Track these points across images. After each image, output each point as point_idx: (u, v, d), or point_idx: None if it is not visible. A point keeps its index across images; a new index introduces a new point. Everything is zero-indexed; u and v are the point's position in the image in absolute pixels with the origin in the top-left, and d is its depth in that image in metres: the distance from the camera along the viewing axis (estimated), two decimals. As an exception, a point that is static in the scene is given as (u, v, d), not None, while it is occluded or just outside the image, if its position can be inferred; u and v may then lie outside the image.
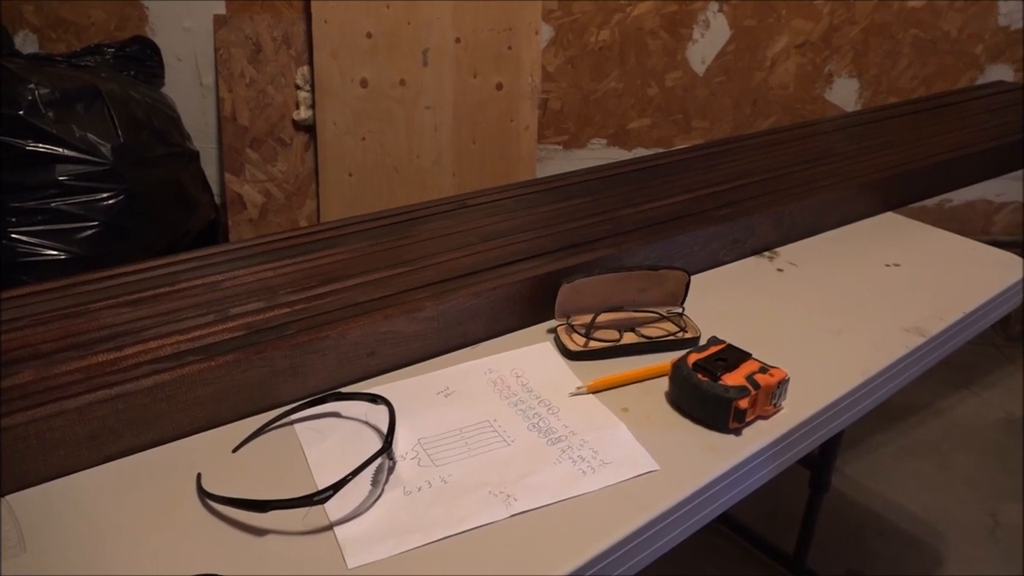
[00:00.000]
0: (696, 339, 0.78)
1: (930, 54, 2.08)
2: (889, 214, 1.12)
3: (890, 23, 2.04)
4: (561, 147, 2.08)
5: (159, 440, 0.64)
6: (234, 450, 0.64)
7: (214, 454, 0.63)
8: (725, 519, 1.54)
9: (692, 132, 2.11)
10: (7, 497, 0.58)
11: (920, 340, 0.80)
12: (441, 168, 1.94)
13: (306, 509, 0.57)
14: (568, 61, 1.98)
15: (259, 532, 0.55)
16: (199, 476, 0.60)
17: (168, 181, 1.56)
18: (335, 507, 0.57)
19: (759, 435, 0.66)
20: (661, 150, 2.00)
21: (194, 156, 1.68)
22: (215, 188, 1.87)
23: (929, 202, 2.23)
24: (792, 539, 1.44)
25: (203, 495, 0.58)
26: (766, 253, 1.00)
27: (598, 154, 2.09)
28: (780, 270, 0.96)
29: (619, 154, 2.10)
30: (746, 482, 0.66)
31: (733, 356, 0.70)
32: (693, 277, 0.81)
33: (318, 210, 1.91)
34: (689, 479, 0.61)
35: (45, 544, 0.54)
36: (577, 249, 0.85)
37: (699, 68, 2.04)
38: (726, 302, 0.87)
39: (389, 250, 0.85)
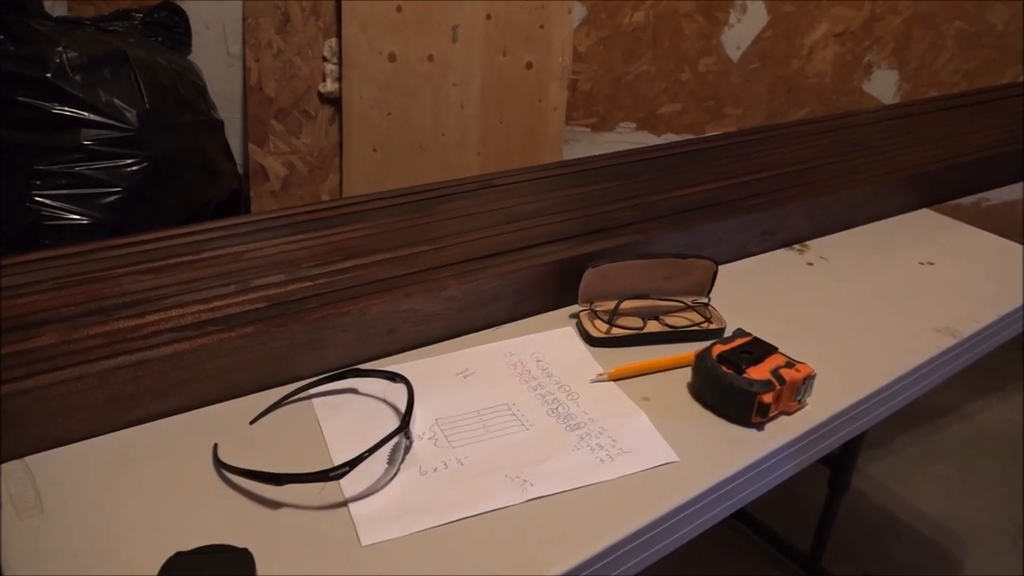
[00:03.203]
0: (721, 330, 0.78)
1: (974, 48, 2.04)
2: (924, 211, 1.11)
3: (934, 14, 2.00)
4: (589, 130, 2.07)
5: (177, 408, 0.65)
6: (251, 422, 0.64)
7: (231, 425, 0.64)
8: (741, 515, 1.54)
9: (724, 119, 2.09)
10: (27, 458, 0.59)
11: (951, 341, 0.80)
12: (466, 147, 1.94)
13: (321, 484, 0.57)
14: (600, 42, 1.97)
15: (274, 505, 0.56)
16: (215, 446, 0.61)
17: (192, 149, 1.57)
18: (350, 484, 0.58)
19: (782, 431, 0.66)
20: (691, 136, 1.99)
21: (219, 125, 1.69)
22: (238, 158, 1.87)
23: (966, 200, 2.20)
24: (808, 538, 1.43)
25: (219, 465, 0.59)
26: (796, 246, 0.99)
27: (626, 138, 2.08)
28: (810, 264, 0.95)
29: (648, 139, 2.08)
30: (766, 478, 0.66)
31: (759, 349, 0.70)
32: (720, 267, 0.81)
33: (341, 185, 1.92)
34: (708, 472, 0.61)
35: (62, 507, 0.55)
36: (603, 234, 0.85)
37: (734, 54, 2.01)
38: (753, 294, 0.87)
39: (412, 227, 0.85)
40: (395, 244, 0.81)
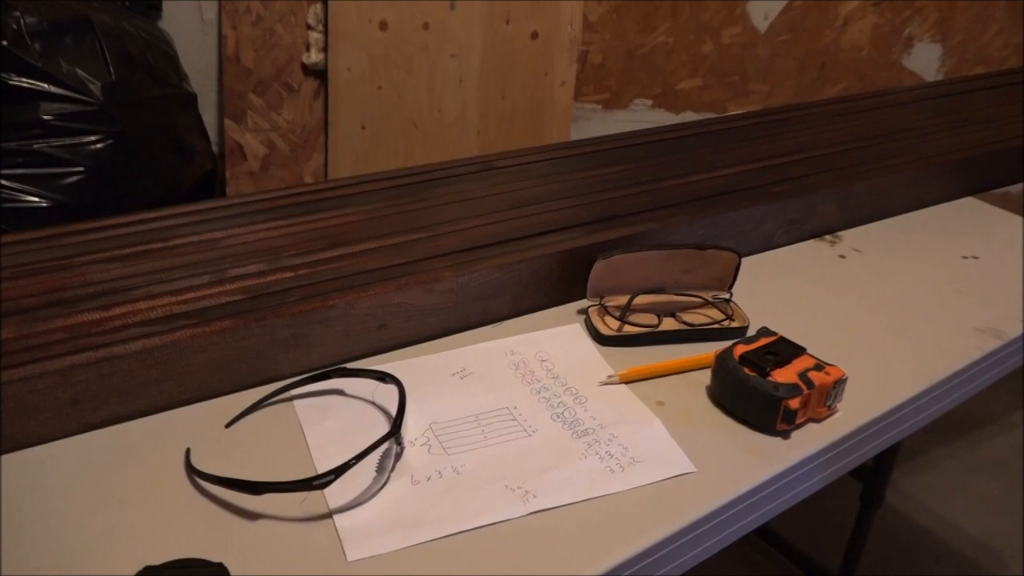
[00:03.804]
0: (744, 329, 0.78)
1: (1026, 19, 2.04)
2: (969, 199, 1.11)
3: (982, -18, 2.00)
4: (600, 107, 2.07)
5: (146, 410, 0.65)
6: (227, 425, 0.65)
7: (205, 428, 0.64)
8: (764, 531, 1.54)
9: (749, 96, 2.09)
10: (-20, 463, 0.60)
11: (995, 343, 0.80)
12: (465, 124, 1.94)
13: (304, 494, 0.58)
14: (613, 10, 1.96)
15: (251, 516, 0.56)
16: (188, 451, 0.61)
17: (162, 125, 1.57)
18: (336, 493, 0.58)
19: (809, 440, 0.66)
20: (713, 115, 1.98)
21: (191, 99, 1.69)
22: (213, 136, 1.87)
23: (1014, 188, 2.20)
24: (837, 557, 1.44)
25: (192, 472, 0.59)
26: (827, 237, 0.99)
27: (641, 116, 2.08)
28: (842, 256, 0.95)
29: (665, 117, 2.08)
30: (791, 491, 0.66)
31: (785, 350, 0.70)
32: (744, 259, 0.81)
33: (326, 165, 1.92)
34: (728, 484, 0.61)
35: (20, 518, 0.55)
36: (615, 222, 0.85)
37: (761, 24, 2.01)
38: (780, 289, 0.87)
39: (405, 213, 0.86)
40: (386, 231, 0.82)
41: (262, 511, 0.57)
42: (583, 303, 0.81)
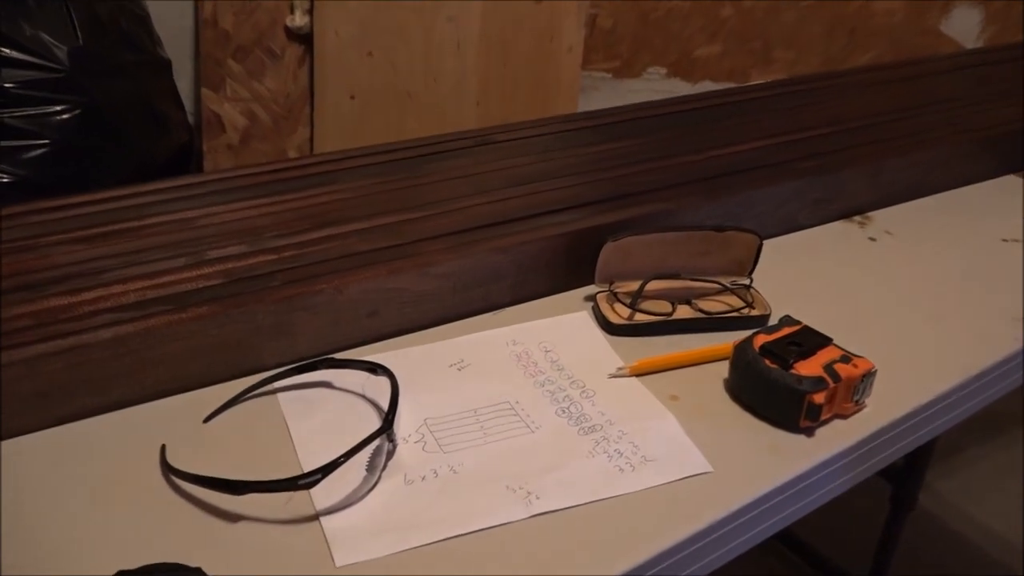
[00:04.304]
0: (765, 317, 0.78)
1: (1075, -19, 2.03)
2: (1010, 177, 1.11)
3: (1028, -60, 1.99)
4: (611, 75, 2.06)
5: (118, 403, 0.65)
6: (206, 420, 0.65)
7: (182, 423, 0.64)
8: (786, 536, 1.55)
9: (772, 64, 2.09)
10: (-61, 460, 0.60)
11: (1039, 334, 0.80)
12: (463, 95, 1.93)
13: (289, 494, 0.58)
14: (625, -30, 1.96)
15: (231, 518, 0.57)
16: (163, 448, 0.61)
17: (134, 95, 1.57)
18: (323, 494, 0.58)
19: (835, 437, 0.67)
20: (733, 85, 1.98)
21: (166, 66, 1.69)
22: (189, 106, 1.87)
23: (1060, 165, 2.19)
24: (865, 565, 1.45)
25: (167, 470, 0.60)
26: (856, 218, 0.99)
27: (655, 86, 2.07)
28: (872, 239, 0.95)
29: (681, 87, 2.08)
30: (815, 493, 0.66)
31: (809, 340, 0.70)
32: (766, 242, 0.81)
33: (312, 139, 1.92)
34: (747, 485, 0.62)
35: (-18, 517, 0.56)
36: (625, 201, 0.85)
37: (786, -14, 2.00)
38: (804, 274, 0.87)
39: (398, 191, 0.86)
40: (377, 210, 0.82)
41: (243, 512, 0.57)
42: (591, 289, 0.82)
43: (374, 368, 0.68)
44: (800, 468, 0.64)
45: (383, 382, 0.68)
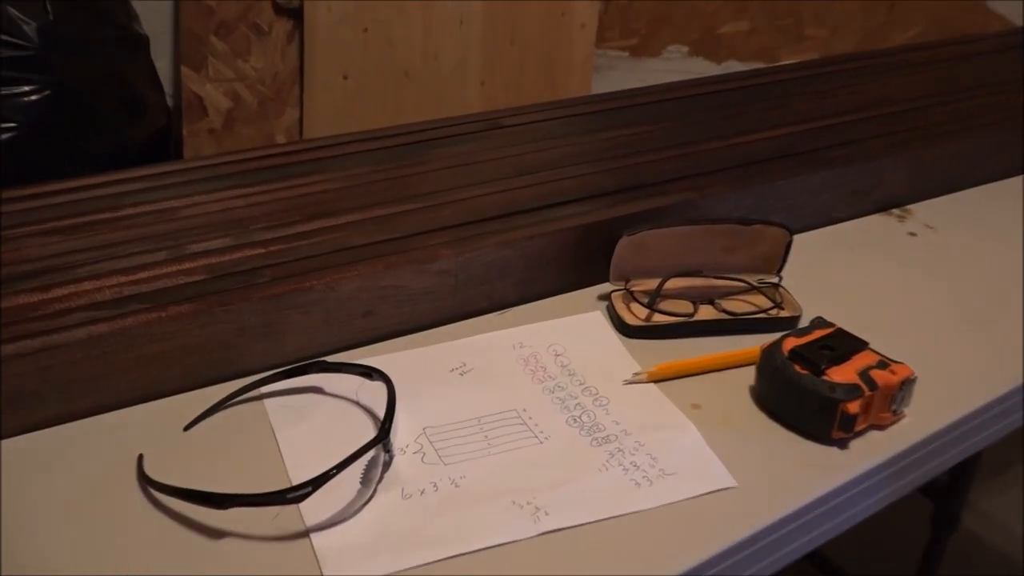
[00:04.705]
0: (796, 319, 0.78)
1: None
2: (1065, 167, 1.11)
3: (1085, -93, 1.98)
4: (627, 54, 2.06)
5: (92, 409, 0.65)
6: (186, 428, 0.65)
7: (161, 431, 0.65)
8: (816, 557, 1.55)
9: (804, 43, 2.08)
10: (-102, 470, 0.60)
11: (1095, 338, 0.80)
12: (466, 75, 1.93)
13: (277, 509, 0.58)
14: (643, -61, 1.96)
15: (214, 534, 0.57)
16: (140, 458, 0.62)
17: (109, 74, 1.57)
18: (314, 508, 0.58)
19: (871, 450, 0.67)
20: (762, 65, 1.98)
21: (143, 43, 1.69)
22: (167, 87, 1.88)
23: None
24: (902, 590, 1.44)
25: (145, 482, 0.60)
26: (895, 211, 0.99)
27: (676, 66, 2.07)
28: (912, 234, 0.95)
29: (704, 67, 2.08)
30: (849, 511, 0.66)
31: (843, 344, 0.70)
32: (796, 237, 0.81)
33: (301, 122, 1.92)
34: (775, 502, 0.62)
35: (-56, 532, 0.56)
36: (643, 191, 0.85)
37: (819, -43, 2.00)
38: (838, 272, 0.87)
39: (395, 180, 0.86)
40: (372, 201, 0.82)
41: (227, 528, 0.57)
42: (605, 287, 0.82)
43: (369, 372, 0.68)
44: (833, 483, 0.64)
45: (379, 387, 0.68)
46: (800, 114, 1.04)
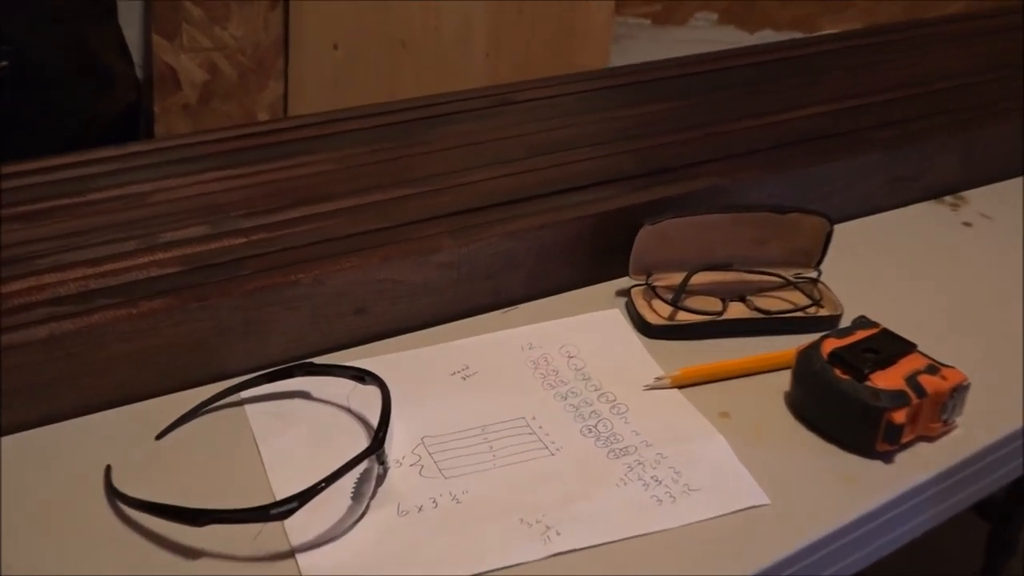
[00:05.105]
0: (836, 318, 0.78)
1: None
2: None
3: None
4: (650, 22, 2.06)
5: (54, 415, 0.66)
6: (159, 436, 0.65)
7: (131, 439, 0.65)
8: (856, 584, 1.55)
9: (846, 11, 2.08)
10: None
11: None
12: (470, 45, 1.93)
13: (258, 526, 0.58)
14: None
15: (189, 554, 0.57)
16: (108, 469, 0.62)
17: (72, 44, 1.57)
18: (299, 526, 0.58)
19: (919, 464, 0.67)
20: (799, 35, 1.98)
21: (109, 9, 1.69)
22: (137, 57, 1.88)
23: None
24: (953, 620, 1.44)
25: (113, 496, 0.60)
26: (947, 198, 0.99)
27: (704, 35, 2.07)
28: (967, 224, 0.95)
29: (736, 37, 2.08)
30: (894, 531, 0.66)
31: (889, 347, 0.70)
32: (837, 227, 0.81)
33: (286, 97, 1.92)
34: (812, 521, 0.62)
35: None
36: (667, 176, 0.85)
37: (864, -86, 2.00)
38: (883, 267, 0.87)
39: (391, 162, 0.86)
40: (366, 185, 0.82)
41: (204, 547, 0.57)
42: (624, 282, 0.82)
43: (361, 375, 0.68)
44: (876, 501, 0.64)
45: (372, 392, 0.68)
46: (841, 90, 1.04)
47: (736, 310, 0.79)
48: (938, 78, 1.07)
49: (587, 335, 0.77)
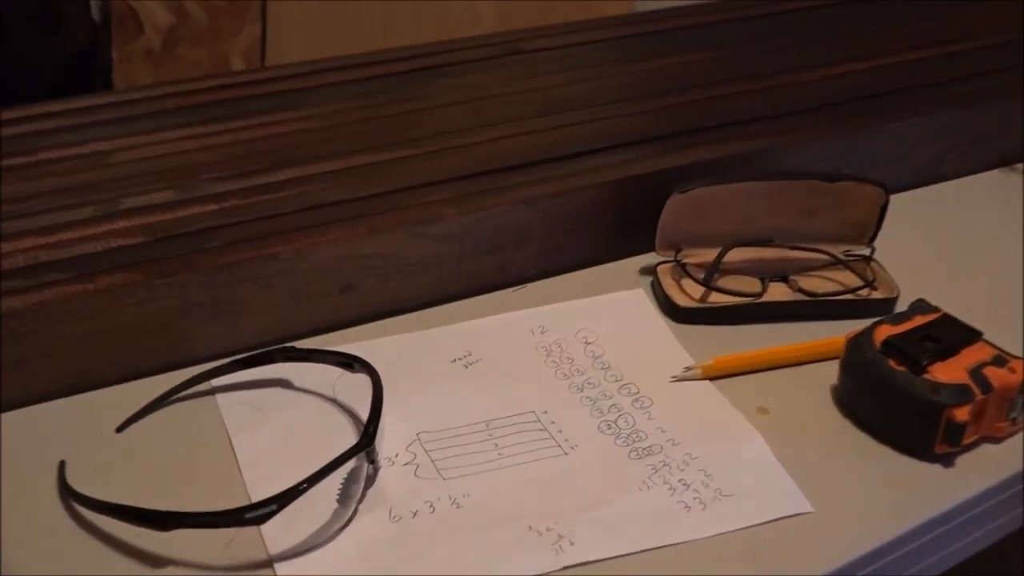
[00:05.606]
0: (891, 302, 0.79)
1: None
2: None
3: None
4: (681, -40, 2.05)
5: (1, 404, 0.66)
6: (119, 428, 0.66)
7: (88, 432, 0.65)
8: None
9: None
10: None
11: None
12: (474, -16, 1.93)
13: (232, 531, 0.58)
14: None
15: (154, 562, 0.57)
16: (62, 465, 0.62)
17: (19, -19, 1.57)
18: (278, 532, 0.59)
19: (984, 468, 0.67)
20: (854, -24, 1.96)
21: (61, -61, 1.69)
22: (93, -4, 1.88)
23: None
24: (1021, 648, 1.44)
25: (68, 495, 0.60)
26: (1019, 166, 0.99)
27: (744, -24, 2.06)
28: (1043, 195, 0.95)
29: (780, -22, 2.06)
30: (954, 544, 0.67)
31: (951, 334, 0.70)
32: (894, 197, 0.81)
33: (263, 43, 1.92)
34: (861, 532, 0.62)
35: None
36: (699, 137, 0.85)
37: None
38: (946, 243, 0.87)
39: (384, 119, 0.86)
40: (354, 146, 0.82)
41: (170, 555, 0.57)
42: (650, 258, 0.82)
43: (349, 362, 0.68)
44: (934, 510, 0.64)
45: (361, 381, 0.68)
46: (903, 39, 1.03)
47: (777, 291, 0.79)
48: (1016, 26, 1.07)
49: (607, 318, 0.77)
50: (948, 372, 0.67)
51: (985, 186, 0.96)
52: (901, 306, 0.77)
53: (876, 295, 0.79)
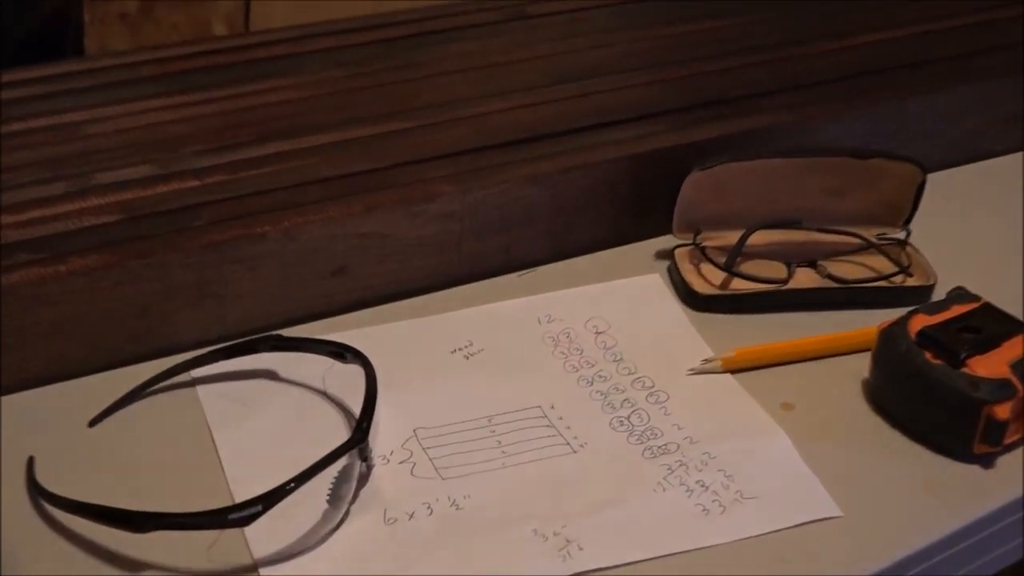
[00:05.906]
0: (927, 289, 0.79)
1: None
2: None
3: None
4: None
5: (-35, 395, 0.66)
6: (92, 422, 0.66)
7: (59, 426, 0.65)
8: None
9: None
10: None
11: None
12: (477, -57, 1.92)
13: (214, 534, 0.58)
14: None
15: (131, 566, 0.57)
16: (31, 462, 0.62)
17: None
18: (264, 535, 0.59)
19: (1026, 471, 0.67)
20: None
21: None
22: (65, -46, 1.87)
23: None
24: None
25: (37, 494, 0.60)
26: (1070, 143, 0.99)
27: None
28: (1094, 175, 0.95)
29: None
30: (994, 552, 0.67)
31: (992, 325, 0.70)
32: (931, 176, 0.81)
33: (247, 6, 1.92)
34: (893, 538, 0.62)
35: None
36: (721, 110, 0.85)
37: None
38: (986, 227, 0.87)
39: (380, 88, 0.86)
40: (348, 117, 0.82)
41: (147, 559, 0.58)
42: (667, 241, 0.82)
43: (341, 352, 0.69)
44: (972, 514, 0.64)
45: (354, 372, 0.68)
46: (943, 5, 1.03)
47: (804, 278, 0.79)
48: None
49: (619, 306, 0.77)
50: (988, 366, 0.67)
51: (1030, 166, 0.96)
52: (938, 294, 0.77)
53: (911, 282, 0.79)
